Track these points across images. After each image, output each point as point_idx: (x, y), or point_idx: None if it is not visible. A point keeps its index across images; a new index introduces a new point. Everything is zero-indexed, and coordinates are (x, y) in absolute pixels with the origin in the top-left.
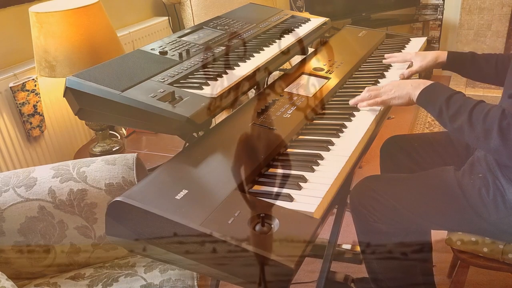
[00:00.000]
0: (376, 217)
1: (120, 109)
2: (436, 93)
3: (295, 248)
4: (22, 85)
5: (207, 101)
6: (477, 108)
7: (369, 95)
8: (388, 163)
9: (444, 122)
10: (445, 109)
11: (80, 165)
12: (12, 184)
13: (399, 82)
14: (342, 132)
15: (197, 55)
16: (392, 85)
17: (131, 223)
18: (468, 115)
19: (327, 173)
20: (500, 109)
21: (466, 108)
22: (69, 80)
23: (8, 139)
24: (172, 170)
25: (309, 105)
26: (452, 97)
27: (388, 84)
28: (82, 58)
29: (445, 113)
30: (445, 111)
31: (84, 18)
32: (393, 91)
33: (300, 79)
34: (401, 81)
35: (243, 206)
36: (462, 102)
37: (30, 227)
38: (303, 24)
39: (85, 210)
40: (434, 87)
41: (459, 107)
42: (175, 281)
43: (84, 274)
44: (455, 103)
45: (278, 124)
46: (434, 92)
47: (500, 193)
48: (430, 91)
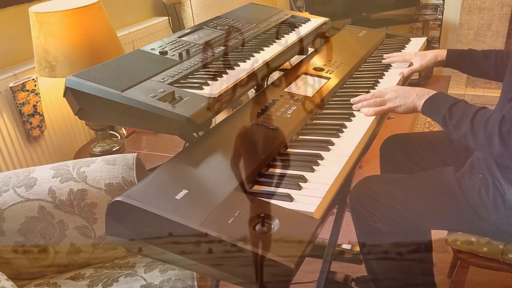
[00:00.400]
0: (376, 217)
1: (120, 109)
2: (439, 102)
3: (295, 248)
4: (22, 85)
5: (207, 101)
6: (478, 115)
7: (374, 101)
8: (387, 162)
9: (449, 131)
10: (448, 118)
11: (80, 165)
12: (12, 184)
13: (404, 90)
14: (342, 132)
15: (197, 55)
16: (397, 92)
17: (131, 223)
18: (470, 123)
19: (327, 173)
20: (500, 115)
21: (468, 116)
22: (69, 80)
23: (8, 139)
24: (172, 170)
25: (309, 105)
26: (454, 106)
27: (393, 91)
28: (82, 58)
29: (449, 123)
30: (448, 120)
31: (84, 18)
32: (398, 99)
33: (300, 79)
34: (405, 89)
35: (243, 206)
36: (464, 111)
37: (30, 227)
38: (303, 24)
39: (85, 210)
40: (438, 97)
41: (461, 116)
42: (175, 281)
43: (84, 274)
44: (457, 112)
45: (278, 124)
46: (437, 101)
47: (500, 194)
48: (433, 101)
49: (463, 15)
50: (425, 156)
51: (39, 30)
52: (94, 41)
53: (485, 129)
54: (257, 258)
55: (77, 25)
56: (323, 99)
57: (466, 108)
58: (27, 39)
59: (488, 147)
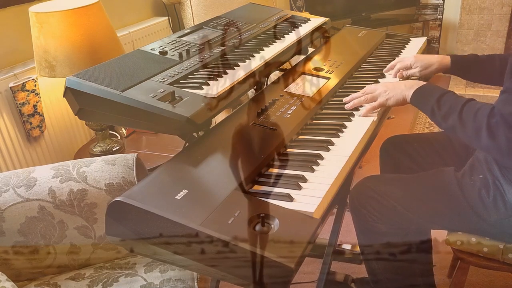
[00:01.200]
0: (376, 217)
1: (120, 109)
2: (428, 93)
3: (295, 248)
4: (22, 85)
5: (207, 101)
6: (467, 107)
7: (365, 98)
8: (387, 163)
9: (437, 121)
10: (437, 109)
11: (80, 165)
12: (12, 184)
13: (393, 83)
14: (342, 132)
15: (197, 55)
16: (386, 86)
17: (131, 223)
18: (458, 115)
19: (327, 173)
20: (489, 107)
21: (457, 107)
22: (69, 80)
23: (8, 139)
24: (172, 170)
25: (309, 105)
26: (443, 96)
27: (382, 85)
28: (82, 58)
29: (437, 113)
30: (437, 111)
31: (84, 18)
32: (387, 92)
33: (300, 79)
34: (395, 83)
35: (243, 206)
36: (452, 102)
37: (30, 227)
38: (303, 24)
39: (85, 210)
40: (426, 87)
41: (450, 107)
42: (175, 281)
43: (84, 274)
44: (446, 103)
45: (278, 124)
46: (426, 92)
47: (500, 194)
48: (422, 91)
49: (463, 15)
50: (425, 157)
51: (39, 30)
52: (94, 41)
53: (473, 121)
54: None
55: (77, 25)
56: (323, 99)
57: (455, 99)
58: (27, 39)
59: (476, 139)
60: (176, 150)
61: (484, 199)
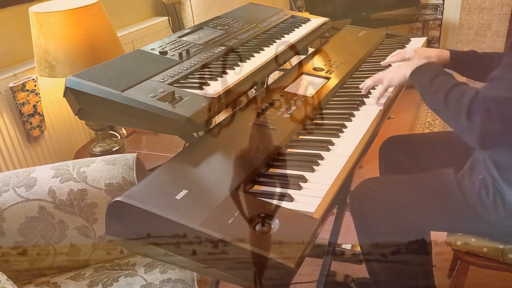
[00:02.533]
0: (376, 218)
1: (120, 109)
2: (425, 72)
3: (295, 248)
4: (22, 85)
5: (207, 101)
6: (456, 88)
7: (373, 81)
8: (387, 163)
9: (425, 99)
10: (429, 87)
11: (80, 165)
12: (12, 184)
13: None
14: (342, 132)
15: (197, 55)
16: (392, 68)
17: (131, 223)
18: (445, 94)
19: (327, 173)
20: (475, 91)
21: (447, 87)
22: (69, 80)
23: (8, 139)
24: (172, 170)
25: (309, 105)
26: (438, 76)
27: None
28: (82, 58)
29: (428, 91)
30: (428, 89)
31: (84, 18)
32: (391, 72)
33: (300, 79)
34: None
35: (243, 206)
36: (444, 82)
37: (30, 227)
38: (303, 24)
39: (85, 210)
40: (425, 66)
41: (440, 85)
42: (175, 281)
43: (84, 274)
44: (439, 82)
45: (278, 124)
46: (423, 71)
47: (500, 195)
48: (421, 69)
49: (463, 15)
50: (425, 157)
51: (39, 30)
52: (94, 41)
53: (457, 102)
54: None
55: (77, 25)
56: (323, 99)
57: (449, 80)
58: (27, 39)
59: (455, 119)
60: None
61: (484, 200)
